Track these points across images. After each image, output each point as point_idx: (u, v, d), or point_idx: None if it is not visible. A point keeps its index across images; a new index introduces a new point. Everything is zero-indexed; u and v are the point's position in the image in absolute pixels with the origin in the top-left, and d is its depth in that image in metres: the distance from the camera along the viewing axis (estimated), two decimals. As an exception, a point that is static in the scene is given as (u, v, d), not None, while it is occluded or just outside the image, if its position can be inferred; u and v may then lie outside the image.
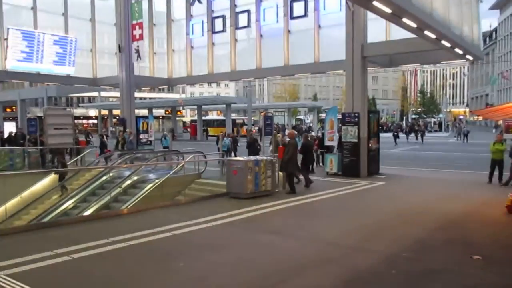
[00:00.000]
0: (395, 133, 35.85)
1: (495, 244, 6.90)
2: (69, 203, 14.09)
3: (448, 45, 12.53)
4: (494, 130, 37.84)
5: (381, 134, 17.91)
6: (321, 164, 17.53)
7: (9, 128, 30.26)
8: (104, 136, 25.62)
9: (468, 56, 15.26)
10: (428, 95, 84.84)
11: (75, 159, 18.90)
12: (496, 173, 12.98)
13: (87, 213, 12.34)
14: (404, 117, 73.37)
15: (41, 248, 6.47)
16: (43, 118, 18.36)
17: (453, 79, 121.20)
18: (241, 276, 5.46)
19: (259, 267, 5.83)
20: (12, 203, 12.89)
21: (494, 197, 10.87)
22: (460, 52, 13.88)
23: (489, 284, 5.21)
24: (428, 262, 5.96)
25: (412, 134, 39.32)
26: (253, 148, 16.93)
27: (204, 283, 5.24)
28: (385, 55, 16.33)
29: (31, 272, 5.52)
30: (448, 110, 74.26)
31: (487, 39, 75.86)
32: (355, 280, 5.31)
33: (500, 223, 8.43)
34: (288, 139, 12.64)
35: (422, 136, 37.02)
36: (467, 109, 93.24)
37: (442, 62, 21.72)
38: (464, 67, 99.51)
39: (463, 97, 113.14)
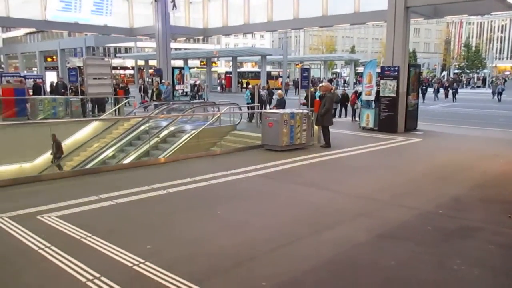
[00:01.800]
0: (423, 87, 31.91)
1: (536, 205, 6.73)
2: (109, 152, 14.66)
3: (501, -6, 11.73)
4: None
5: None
6: (356, 119, 17.29)
7: (51, 77, 31.22)
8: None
9: (521, 7, 14.29)
10: (473, 48, 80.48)
11: (113, 109, 19.44)
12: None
13: (127, 161, 12.82)
14: (445, 72, 70.39)
15: (86, 193, 6.83)
16: (82, 68, 18.80)
17: (502, 31, 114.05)
18: (276, 226, 5.60)
19: (294, 217, 5.95)
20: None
21: (538, 156, 10.49)
22: (513, 2, 13.00)
23: (527, 243, 5.15)
24: (465, 220, 5.92)
25: (441, 92, 35.17)
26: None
27: (241, 231, 5.42)
28: (430, 5, 15.50)
29: (79, 215, 5.86)
30: (493, 65, 70.53)
31: (543, -13, 70.21)
32: (390, 234, 5.35)
33: (542, 184, 8.18)
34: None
35: (454, 95, 32.69)
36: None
37: (491, 13, 20.47)
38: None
39: (511, 52, 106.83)
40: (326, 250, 4.82)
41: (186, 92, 23.22)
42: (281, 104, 15.81)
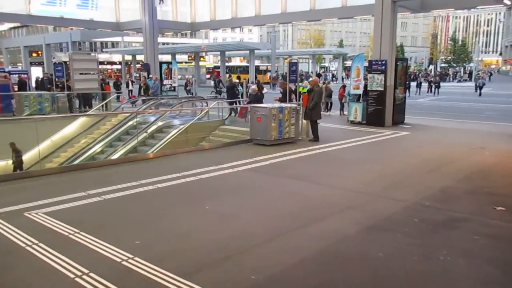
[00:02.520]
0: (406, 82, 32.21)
1: (520, 196, 6.84)
2: (97, 147, 14.54)
3: (486, -12, 11.85)
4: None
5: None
6: (344, 112, 17.37)
7: (36, 72, 30.77)
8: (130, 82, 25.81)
9: (505, 1, 14.46)
10: (460, 42, 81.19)
11: (100, 104, 19.25)
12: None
13: (115, 156, 12.73)
14: (432, 66, 70.91)
15: (74, 189, 6.77)
16: (68, 63, 18.56)
17: (488, 25, 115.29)
18: (266, 220, 5.62)
19: (283, 211, 5.98)
20: (43, 146, 13.35)
21: (522, 148, 10.66)
22: (498, -5, 13.13)
23: (512, 234, 5.24)
24: (451, 211, 5.99)
25: (424, 86, 35.13)
26: (232, 92, 17.82)
27: (231, 225, 5.43)
28: (417, -1, 15.60)
29: (67, 211, 5.81)
30: (479, 58, 71.27)
31: (528, -18, 70.89)
32: (378, 226, 5.41)
33: (527, 175, 8.31)
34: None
35: (436, 88, 32.98)
36: (500, 58, 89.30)
37: (477, 7, 20.65)
38: (500, 13, 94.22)
39: (497, 45, 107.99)
40: (315, 243, 4.85)
41: (175, 88, 23.04)
42: (258, 100, 14.39)
